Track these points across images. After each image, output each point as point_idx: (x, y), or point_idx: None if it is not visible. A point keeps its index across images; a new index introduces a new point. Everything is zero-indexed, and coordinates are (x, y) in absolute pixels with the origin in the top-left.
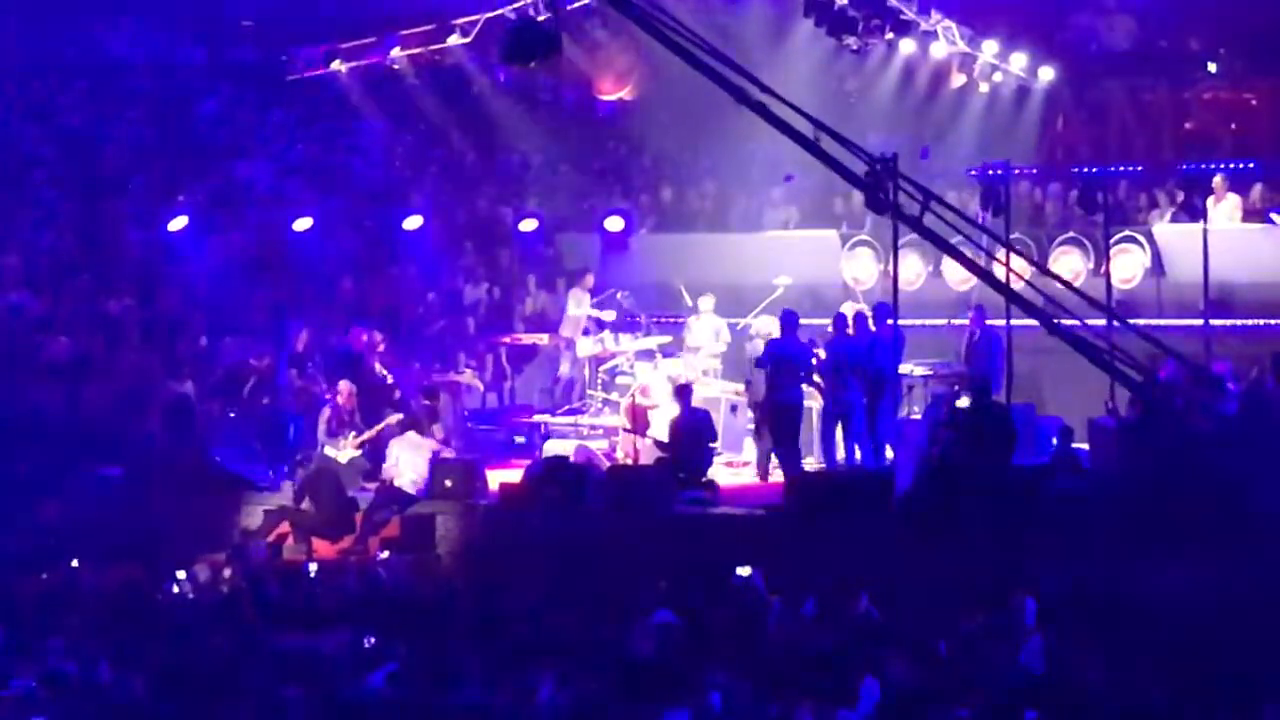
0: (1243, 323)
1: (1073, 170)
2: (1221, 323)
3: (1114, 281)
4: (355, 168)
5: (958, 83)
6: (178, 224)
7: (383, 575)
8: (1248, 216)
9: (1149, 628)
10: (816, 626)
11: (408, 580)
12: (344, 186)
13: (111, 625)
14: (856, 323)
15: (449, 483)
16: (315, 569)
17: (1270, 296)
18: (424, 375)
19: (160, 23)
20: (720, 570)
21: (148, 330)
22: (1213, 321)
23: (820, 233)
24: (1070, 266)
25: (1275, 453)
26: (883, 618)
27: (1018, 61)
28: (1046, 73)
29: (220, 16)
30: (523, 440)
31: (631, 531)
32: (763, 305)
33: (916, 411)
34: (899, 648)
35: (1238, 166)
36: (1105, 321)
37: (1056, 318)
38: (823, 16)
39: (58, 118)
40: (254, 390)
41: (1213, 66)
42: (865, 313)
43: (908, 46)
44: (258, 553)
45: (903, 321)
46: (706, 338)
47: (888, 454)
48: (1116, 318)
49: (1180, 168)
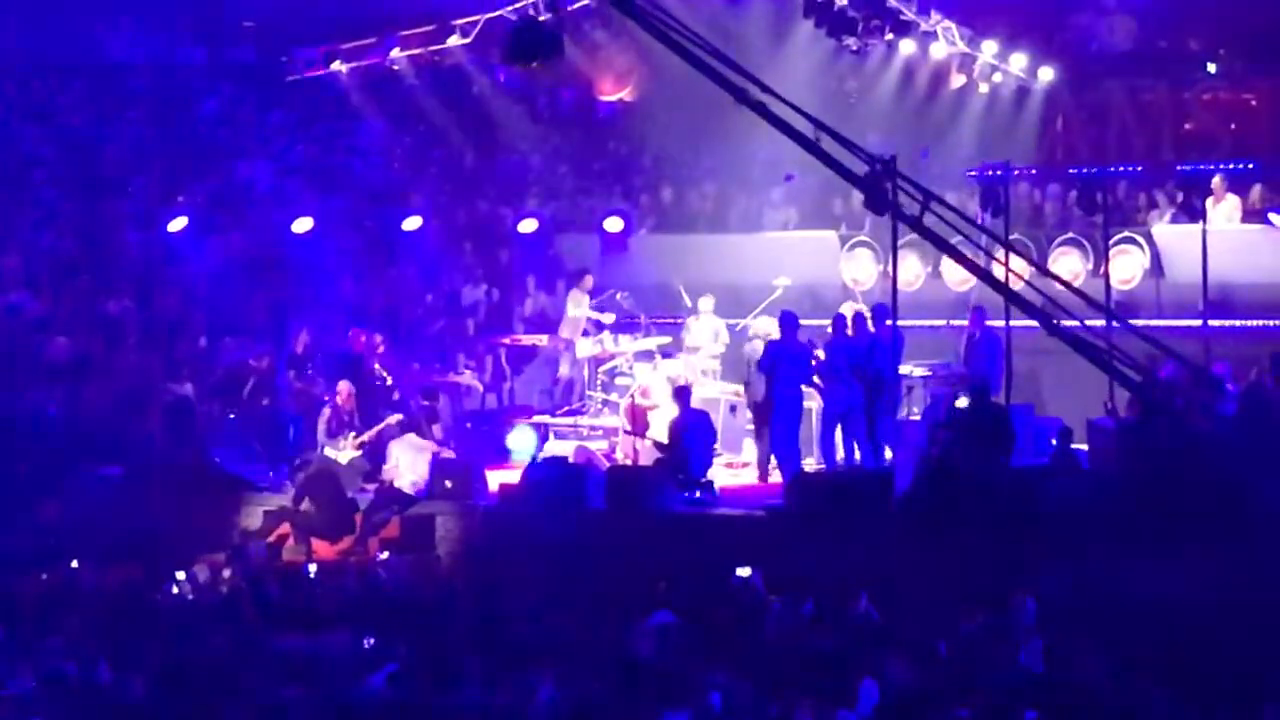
0: (1242, 323)
1: (1072, 171)
2: (1220, 323)
3: (1113, 282)
4: (355, 168)
5: (957, 83)
6: (177, 224)
7: (382, 576)
8: (1247, 217)
9: (1148, 628)
10: (816, 627)
11: (407, 581)
12: (344, 187)
13: (111, 626)
14: (856, 324)
15: (449, 483)
16: (315, 570)
17: (1269, 297)
18: (423, 376)
19: (160, 23)
20: (720, 571)
21: (147, 331)
22: (1212, 322)
23: (820, 233)
24: (1069, 267)
25: (1274, 453)
26: (882, 618)
27: (1017, 62)
28: (1046, 73)
29: (220, 17)
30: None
31: (631, 532)
32: (762, 306)
33: (916, 412)
34: (899, 648)
35: (1237, 167)
36: (1104, 322)
37: (1056, 318)
38: (822, 17)
39: (58, 118)
40: (254, 391)
41: (1212, 67)
42: (864, 314)
43: (907, 47)
44: (257, 553)
45: (902, 322)
46: (706, 338)
47: (887, 455)
48: (1116, 318)
49: (1179, 168)
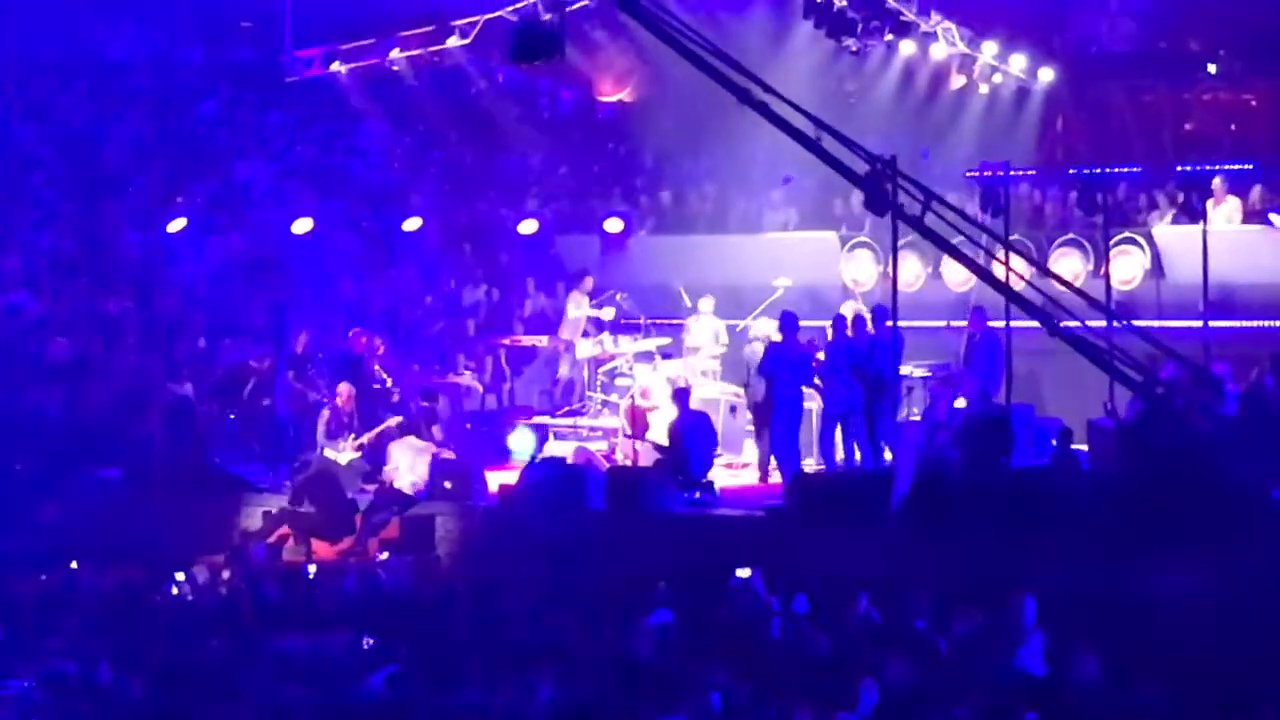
0: (1242, 324)
1: (1072, 171)
2: (1221, 324)
3: (1113, 283)
4: (354, 169)
5: (957, 84)
6: (177, 225)
7: (382, 576)
8: (1247, 218)
9: (1148, 628)
10: (816, 628)
11: (407, 582)
12: (343, 188)
13: (110, 626)
14: (855, 324)
15: (448, 484)
16: (314, 570)
17: (1269, 298)
18: (423, 377)
19: (159, 23)
20: (719, 571)
21: (147, 331)
22: (1212, 323)
23: (820, 234)
24: (1070, 268)
25: (1274, 454)
26: (882, 619)
27: (1017, 63)
28: (1046, 74)
29: (219, 17)
30: None
31: (631, 533)
32: (762, 307)
33: (916, 413)
34: (899, 649)
35: (1236, 168)
36: (1105, 323)
37: (1057, 319)
38: (822, 18)
39: (57, 118)
40: (254, 392)
41: (1212, 68)
42: (864, 314)
43: (907, 48)
44: (257, 554)
45: (902, 323)
46: (706, 339)
47: (887, 455)
48: (1117, 318)
49: (1179, 169)
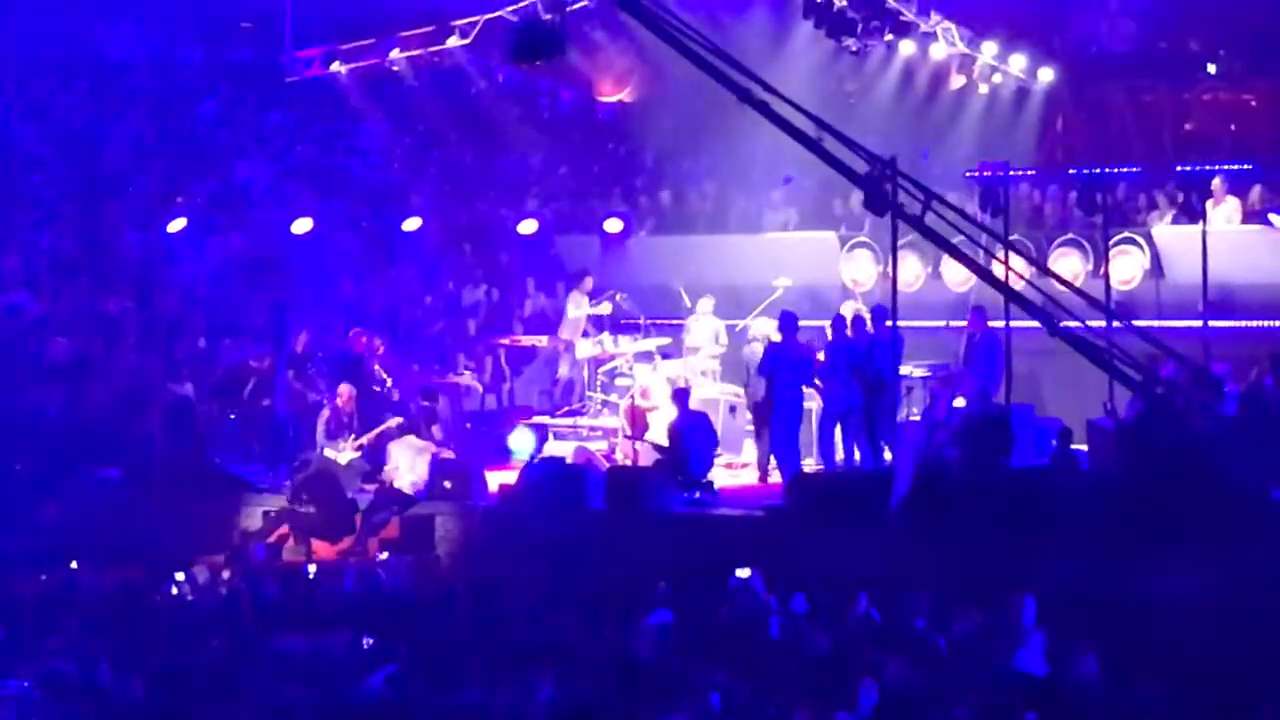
0: (1241, 324)
1: (1072, 172)
2: (1220, 324)
3: (1113, 283)
4: (354, 169)
5: (957, 84)
6: (177, 225)
7: (382, 576)
8: (1247, 218)
9: (1148, 628)
10: (816, 628)
11: (407, 581)
12: (343, 188)
13: (110, 626)
14: (855, 325)
15: (448, 484)
16: (314, 570)
17: (1269, 298)
18: (423, 377)
19: (159, 23)
20: (719, 572)
21: (147, 331)
22: (1211, 323)
23: (819, 234)
24: (1069, 268)
25: (1274, 454)
26: (882, 619)
27: (1017, 63)
28: (1046, 74)
29: (219, 17)
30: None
31: (631, 533)
32: (761, 307)
33: (915, 413)
34: (898, 649)
35: (1235, 168)
36: (1105, 323)
37: (1056, 318)
38: (822, 18)
39: (57, 118)
40: (254, 392)
41: (1212, 68)
42: (864, 315)
43: (907, 48)
44: (257, 554)
45: (901, 323)
46: (706, 339)
47: (886, 455)
48: (1117, 318)
49: (1179, 169)
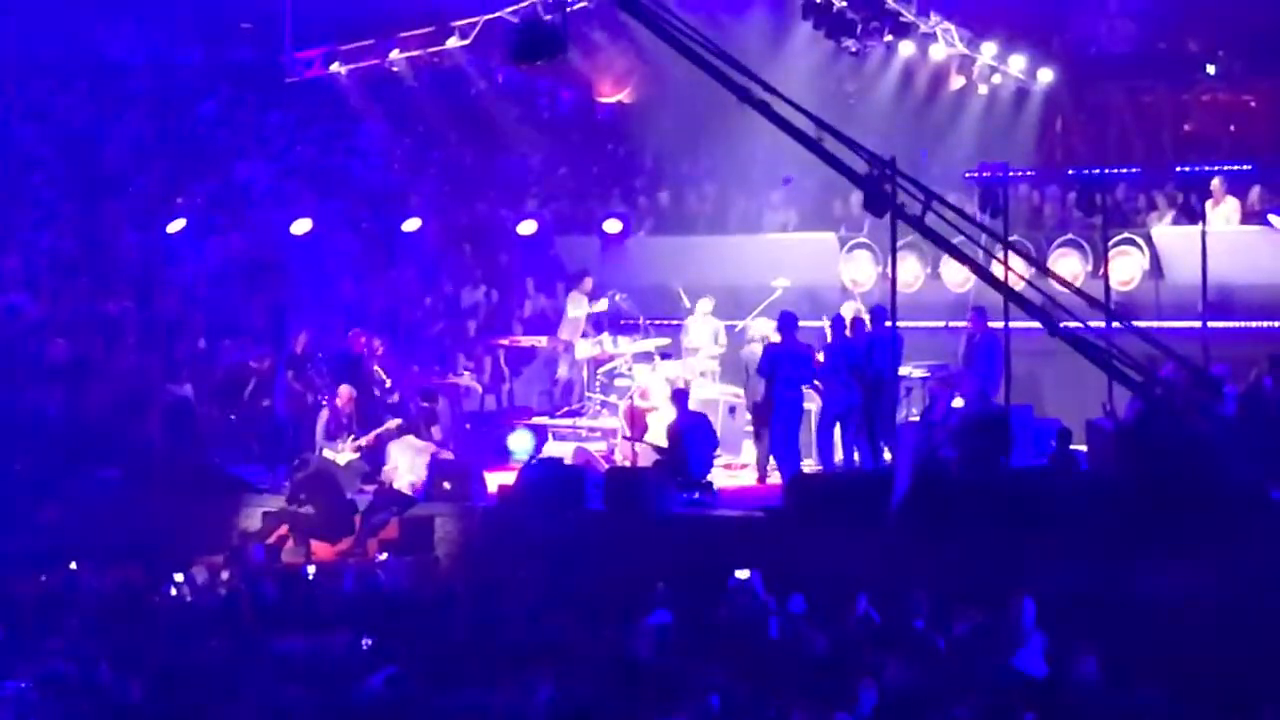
0: (1241, 325)
1: (1071, 172)
2: (1220, 325)
3: (1112, 283)
4: (354, 170)
5: (957, 85)
6: (176, 225)
7: (381, 577)
8: (1246, 219)
9: (1147, 629)
10: (815, 629)
11: (406, 582)
12: (343, 188)
13: (110, 627)
14: (855, 325)
15: (447, 485)
16: (314, 571)
17: (1268, 299)
18: (422, 378)
19: (159, 24)
20: (719, 572)
21: (146, 332)
22: (1211, 324)
23: (819, 235)
24: (1069, 269)
25: (1273, 454)
26: (882, 619)
27: (1017, 64)
28: (1045, 75)
29: (220, 18)
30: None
31: (630, 533)
32: (761, 307)
33: (915, 413)
34: (898, 649)
35: (1235, 168)
36: (1104, 323)
37: (1056, 319)
38: (821, 19)
39: (57, 118)
40: (254, 393)
41: (1211, 69)
42: (863, 315)
43: (907, 49)
44: (256, 555)
45: (901, 324)
46: (705, 339)
47: (886, 456)
48: (1117, 318)
49: (1178, 170)
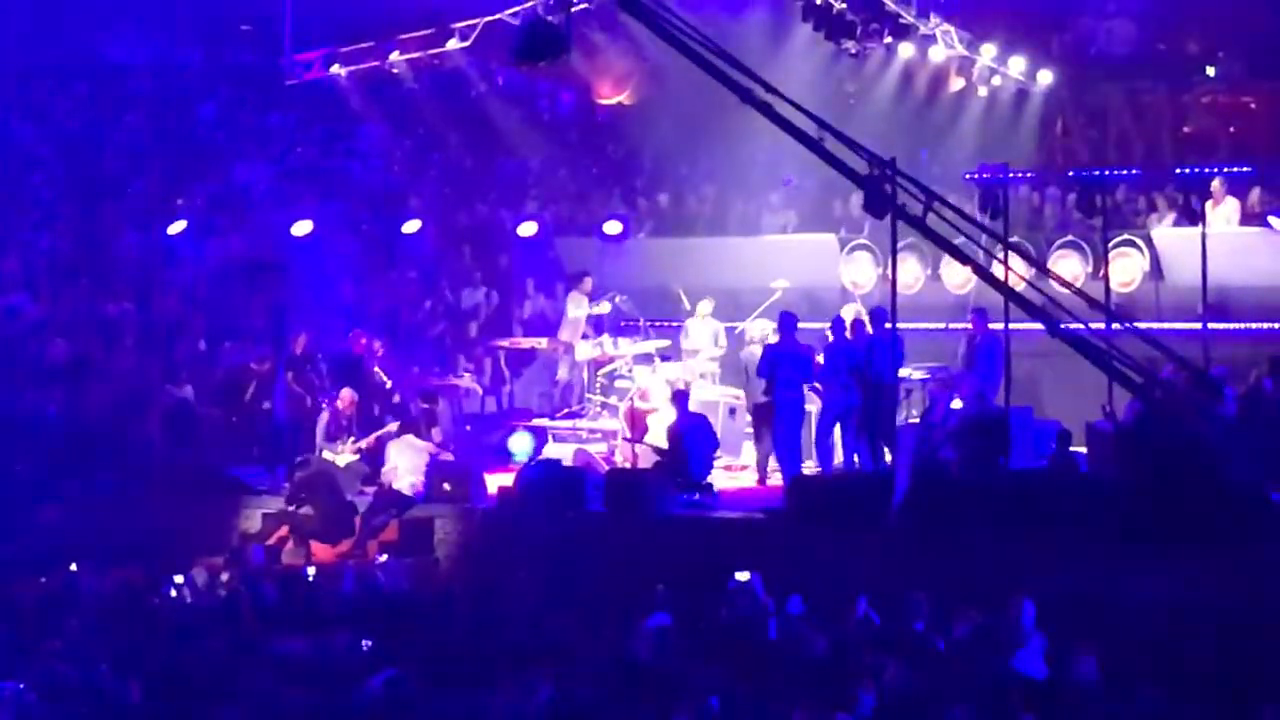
0: (1241, 326)
1: (1071, 174)
2: (1220, 326)
3: (1112, 285)
4: (354, 172)
5: (956, 86)
6: (176, 227)
7: (381, 579)
8: (1246, 220)
9: (1147, 630)
10: (815, 630)
11: (406, 584)
12: (343, 190)
13: (110, 628)
14: (855, 327)
15: (447, 486)
16: (313, 572)
17: (1268, 300)
18: (423, 379)
19: (159, 25)
20: (719, 574)
21: (146, 333)
22: (1211, 325)
23: (819, 236)
24: (1069, 270)
25: (1273, 456)
26: (881, 621)
27: (1016, 65)
28: (1045, 76)
29: (219, 20)
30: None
31: (630, 535)
32: (761, 309)
33: (915, 415)
34: (898, 651)
35: (1234, 170)
36: (1105, 324)
37: (1057, 320)
38: (821, 21)
39: (57, 120)
40: (254, 394)
41: (1211, 70)
42: (864, 317)
43: (906, 50)
44: (256, 556)
45: (901, 325)
46: (705, 341)
47: (886, 458)
48: (1117, 319)
49: (1178, 171)
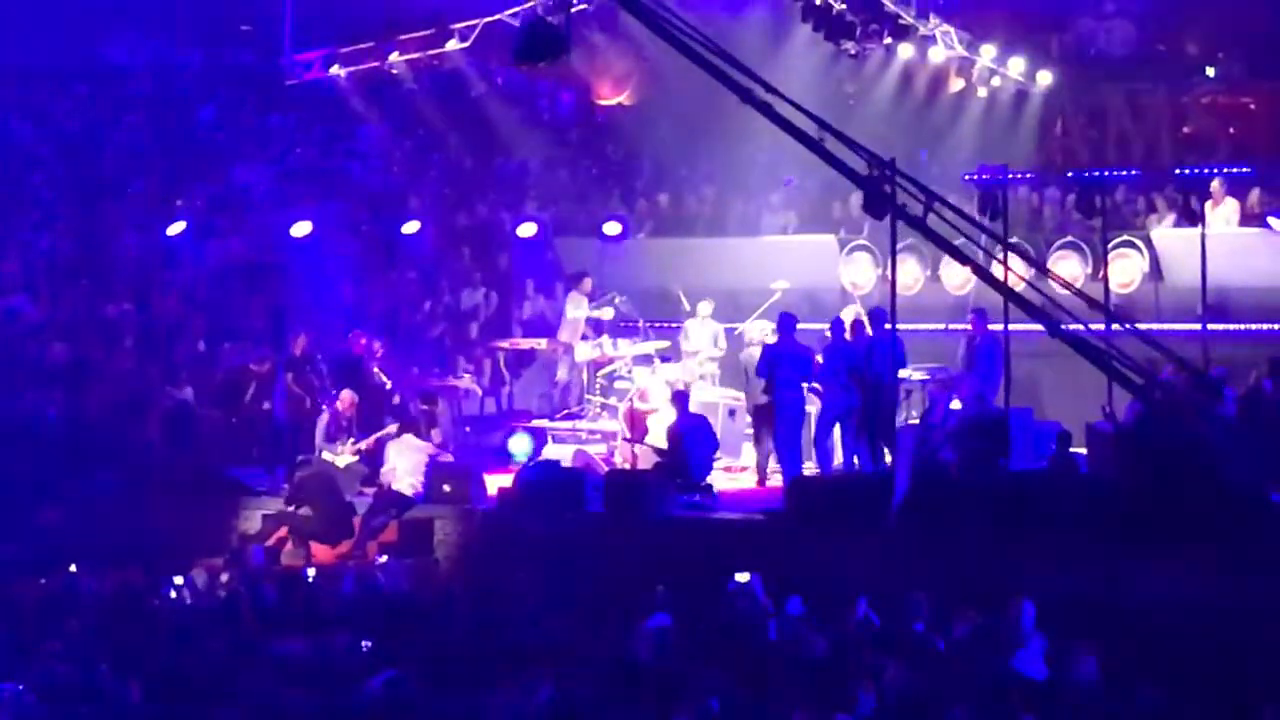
0: (1241, 327)
1: (1070, 174)
2: (1219, 327)
3: (1112, 286)
4: (353, 172)
5: (956, 87)
6: (176, 228)
7: (381, 580)
8: (1245, 221)
9: (1147, 631)
10: (815, 631)
11: (406, 585)
12: (342, 191)
13: (109, 629)
14: (855, 328)
15: (447, 487)
16: (313, 573)
17: (1268, 301)
18: (422, 380)
19: (159, 27)
20: (718, 575)
21: (146, 335)
22: (1210, 326)
23: (818, 237)
24: (1068, 271)
25: (1273, 457)
26: (881, 622)
27: (1016, 66)
28: (1045, 77)
29: (219, 21)
30: None
31: (630, 536)
32: (760, 310)
33: (915, 416)
34: (898, 652)
35: (1234, 171)
36: (1104, 325)
37: (1057, 321)
38: (821, 21)
39: (57, 121)
40: (254, 395)
41: (1211, 71)
42: (863, 318)
43: (906, 51)
44: (256, 557)
45: (901, 326)
46: (704, 342)
47: (886, 459)
48: (1117, 320)
49: (1177, 172)
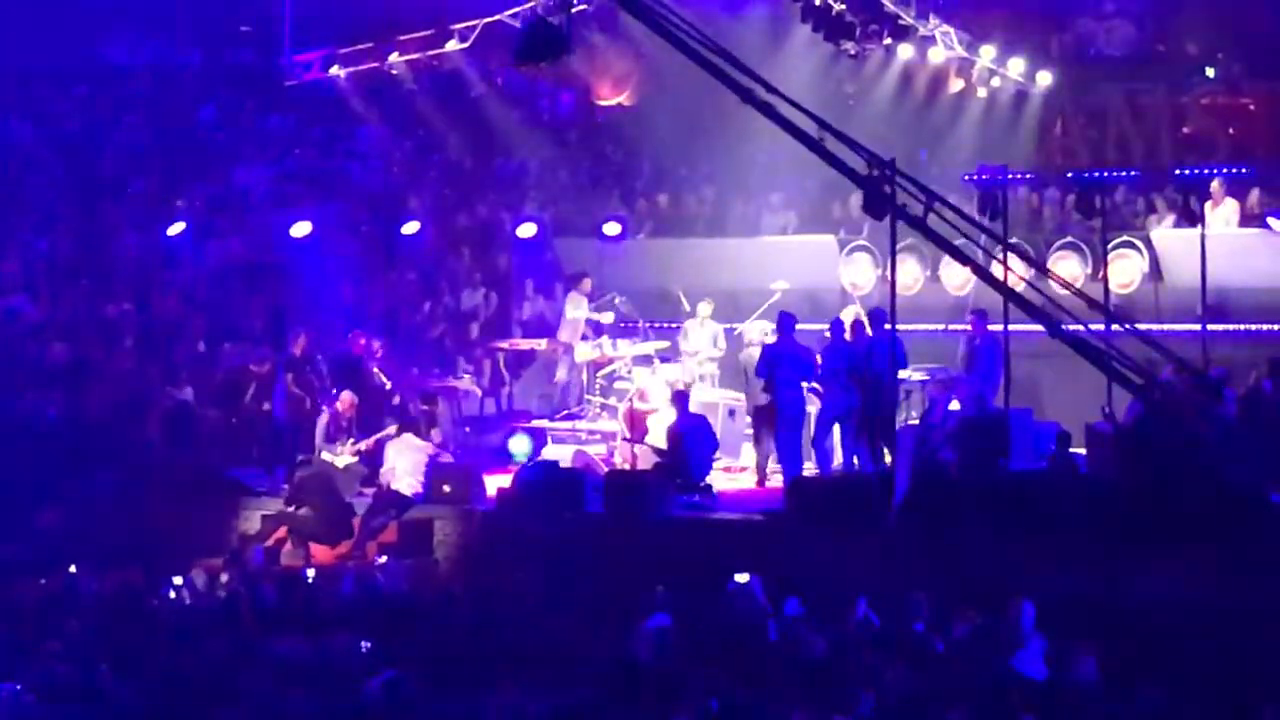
0: (1240, 327)
1: (1070, 175)
2: (1219, 328)
3: (1112, 286)
4: (353, 173)
5: (956, 87)
6: (176, 229)
7: (380, 580)
8: (1245, 221)
9: (1146, 631)
10: (815, 632)
11: (405, 585)
12: (342, 192)
13: (109, 630)
14: (854, 329)
15: (447, 488)
16: (313, 574)
17: (1268, 301)
18: (422, 380)
19: (159, 27)
20: (718, 575)
21: (146, 335)
22: (1210, 326)
23: (818, 238)
24: (1068, 271)
25: (1273, 457)
26: (881, 623)
27: (1016, 66)
28: (1044, 77)
29: (219, 21)
30: None
31: (629, 536)
32: (760, 310)
33: (914, 416)
34: (897, 652)
35: (1234, 171)
36: (1104, 326)
37: (1058, 321)
38: (820, 22)
39: (57, 121)
40: (254, 396)
41: (1210, 71)
42: (863, 319)
43: (906, 51)
44: (255, 558)
45: (900, 327)
46: (704, 343)
47: (886, 459)
48: (1117, 321)
49: (1177, 172)
